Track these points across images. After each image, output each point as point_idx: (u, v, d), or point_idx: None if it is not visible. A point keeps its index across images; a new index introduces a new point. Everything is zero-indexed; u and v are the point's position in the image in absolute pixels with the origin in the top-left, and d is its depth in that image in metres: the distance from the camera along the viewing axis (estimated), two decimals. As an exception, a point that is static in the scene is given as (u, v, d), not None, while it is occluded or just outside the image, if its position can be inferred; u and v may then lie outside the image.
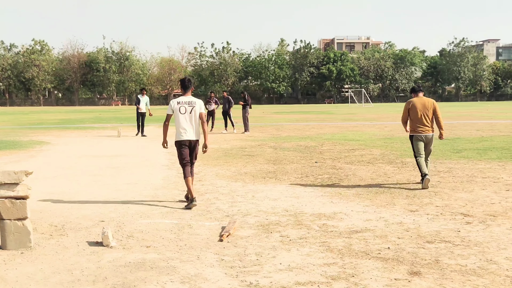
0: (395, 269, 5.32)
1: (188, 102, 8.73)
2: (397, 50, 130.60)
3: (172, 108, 8.77)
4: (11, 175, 6.03)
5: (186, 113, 8.69)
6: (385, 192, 9.52)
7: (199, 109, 8.76)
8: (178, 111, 8.70)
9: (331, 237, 6.56)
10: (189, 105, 8.71)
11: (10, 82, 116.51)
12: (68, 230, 7.03)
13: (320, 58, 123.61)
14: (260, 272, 5.27)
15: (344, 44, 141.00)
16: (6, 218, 6.06)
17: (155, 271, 5.35)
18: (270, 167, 13.03)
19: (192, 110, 8.70)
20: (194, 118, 8.71)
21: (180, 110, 8.69)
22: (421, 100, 10.41)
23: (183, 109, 8.69)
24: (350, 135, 22.88)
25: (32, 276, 5.23)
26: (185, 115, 8.68)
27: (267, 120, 38.53)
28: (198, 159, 9.65)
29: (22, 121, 40.71)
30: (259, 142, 20.21)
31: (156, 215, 7.88)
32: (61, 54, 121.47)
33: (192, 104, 8.73)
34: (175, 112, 8.74)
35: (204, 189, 10.04)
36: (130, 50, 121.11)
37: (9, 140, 22.10)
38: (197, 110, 8.73)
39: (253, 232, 6.86)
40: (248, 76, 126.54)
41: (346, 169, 12.54)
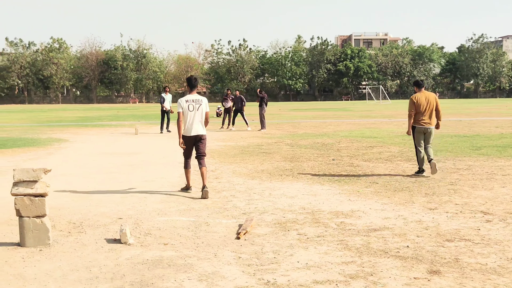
0: (414, 267, 5.27)
1: (195, 100, 9.38)
2: (415, 47, 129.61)
3: (182, 106, 9.35)
4: (30, 172, 6.06)
5: (194, 110, 9.32)
6: (404, 190, 9.44)
7: (205, 107, 9.43)
8: (187, 109, 9.31)
9: (349, 235, 6.52)
10: (196, 103, 9.36)
11: (29, 80, 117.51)
12: (86, 227, 7.06)
13: (338, 55, 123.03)
14: (277, 270, 5.25)
15: (362, 40, 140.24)
16: (25, 215, 6.10)
17: (173, 268, 5.35)
18: (287, 164, 13.00)
19: (199, 108, 9.36)
20: (201, 114, 9.37)
21: (189, 108, 9.31)
22: (425, 95, 11.15)
23: (191, 107, 9.32)
24: (367, 132, 22.76)
25: (51, 273, 5.25)
26: (193, 112, 9.31)
27: (283, 118, 38.47)
28: (215, 156, 9.75)
29: (40, 119, 41.05)
30: (276, 139, 20.18)
31: (173, 213, 7.89)
32: (79, 52, 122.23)
33: (199, 102, 9.39)
34: (184, 110, 9.33)
35: (221, 187, 10.04)
36: (148, 47, 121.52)
37: (28, 137, 22.29)
38: (203, 108, 9.41)
39: (270, 230, 6.83)
40: (265, 73, 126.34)
41: (363, 166, 12.47)
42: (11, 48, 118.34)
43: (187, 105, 9.32)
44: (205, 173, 9.35)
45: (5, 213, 7.78)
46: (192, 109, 9.29)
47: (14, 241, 6.36)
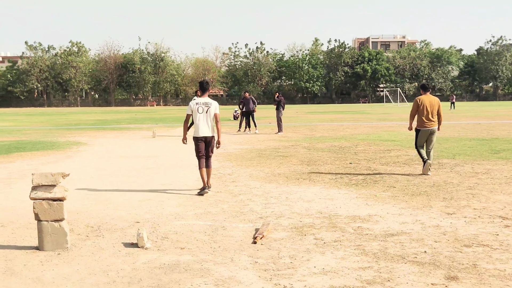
0: (432, 273, 5.23)
1: (204, 103, 9.86)
2: (433, 49, 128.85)
3: (192, 109, 9.92)
4: (48, 177, 6.11)
5: (203, 112, 9.81)
6: (422, 194, 9.38)
7: (214, 110, 9.87)
8: (197, 111, 9.85)
9: (366, 240, 6.49)
10: (205, 106, 9.84)
11: (48, 83, 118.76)
12: (104, 231, 7.10)
13: (355, 58, 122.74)
14: (294, 275, 5.24)
15: (379, 43, 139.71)
16: (44, 219, 6.15)
17: (189, 273, 5.36)
18: (304, 168, 12.98)
19: (208, 110, 9.83)
20: (209, 117, 9.83)
21: (198, 110, 9.83)
22: (429, 98, 11.82)
23: (200, 109, 9.83)
24: (385, 136, 22.65)
25: (69, 277, 5.29)
26: (202, 114, 9.81)
27: (300, 120, 38.42)
28: (232, 159, 9.77)
29: (59, 122, 41.41)
30: (293, 142, 20.15)
31: (190, 217, 7.91)
32: (98, 55, 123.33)
33: (208, 105, 9.85)
34: (194, 112, 9.89)
35: (237, 190, 10.04)
36: (165, 51, 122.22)
37: (47, 140, 22.50)
38: (212, 110, 9.85)
39: (287, 234, 6.83)
40: (282, 76, 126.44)
41: (381, 170, 12.41)
42: (31, 52, 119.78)
43: (196, 107, 9.85)
44: (210, 173, 10.01)
45: (24, 217, 7.86)
46: (202, 111, 9.80)
47: (32, 244, 6.42)
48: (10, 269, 5.53)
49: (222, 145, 17.40)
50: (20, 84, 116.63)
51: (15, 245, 6.43)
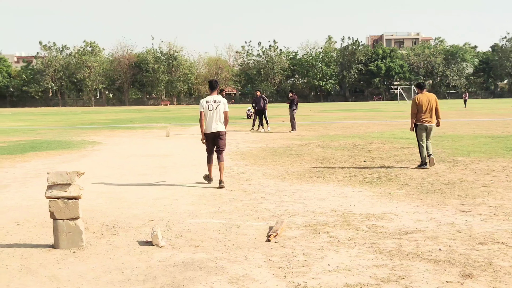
0: (447, 271, 5.21)
1: (214, 101, 10.52)
2: (447, 46, 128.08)
3: (203, 106, 10.54)
4: (64, 176, 6.16)
5: (213, 109, 10.45)
6: (436, 192, 9.33)
7: (223, 107, 10.53)
8: (207, 108, 10.48)
9: (380, 238, 6.47)
10: (215, 103, 10.50)
11: (62, 83, 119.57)
12: (118, 229, 7.14)
13: (369, 55, 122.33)
14: (308, 273, 5.24)
15: (393, 40, 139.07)
16: (59, 218, 6.20)
17: (204, 271, 5.38)
18: (318, 166, 12.96)
19: (217, 108, 10.47)
20: (219, 114, 10.47)
21: (209, 108, 10.47)
22: (426, 96, 12.45)
23: (211, 107, 10.47)
24: (399, 133, 22.55)
25: (84, 275, 5.33)
26: (212, 111, 10.45)
27: (314, 119, 38.36)
28: (246, 158, 9.78)
29: (74, 121, 41.66)
30: (306, 141, 20.13)
31: (204, 215, 7.93)
32: (112, 55, 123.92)
33: (218, 103, 10.51)
34: (205, 110, 10.50)
35: (251, 189, 10.05)
36: (178, 50, 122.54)
37: (62, 140, 22.65)
38: (221, 108, 10.50)
39: (301, 232, 6.82)
40: (295, 74, 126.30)
41: (395, 168, 12.36)
42: (45, 52, 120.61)
43: (207, 105, 10.49)
44: (222, 168, 10.49)
45: (40, 216, 7.92)
46: (212, 108, 10.45)
47: (48, 243, 6.47)
48: (26, 267, 5.58)
49: (236, 143, 17.62)
50: (34, 84, 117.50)
51: (31, 244, 6.48)
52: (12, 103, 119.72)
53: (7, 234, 6.95)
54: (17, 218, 7.84)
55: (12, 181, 11.45)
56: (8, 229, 7.24)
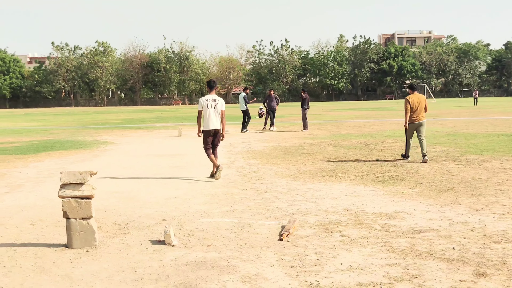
0: (460, 270, 5.18)
1: (212, 100, 11.30)
2: (460, 44, 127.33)
3: (202, 105, 11.28)
4: (76, 175, 6.19)
5: (211, 108, 11.22)
6: (449, 191, 9.28)
7: (221, 106, 11.32)
8: (206, 107, 11.23)
9: (393, 237, 6.44)
10: (213, 102, 11.27)
11: (75, 83, 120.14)
12: (131, 228, 7.16)
13: (381, 54, 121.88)
14: (320, 272, 5.23)
15: (405, 38, 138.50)
16: (72, 217, 6.23)
17: (216, 270, 5.38)
18: (330, 165, 12.93)
19: (215, 106, 11.26)
20: (216, 112, 11.27)
21: (208, 106, 11.23)
22: (417, 96, 13.51)
23: (209, 105, 11.24)
24: (411, 132, 22.41)
25: (97, 274, 5.35)
26: (211, 109, 11.22)
27: (326, 118, 38.28)
28: (258, 157, 9.77)
29: (86, 121, 41.86)
30: (318, 140, 20.09)
31: (216, 214, 7.94)
32: (124, 55, 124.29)
33: (216, 102, 11.30)
34: (204, 108, 11.24)
35: (263, 188, 10.05)
36: (190, 50, 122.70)
37: (75, 140, 22.77)
38: (219, 107, 11.30)
39: (313, 231, 6.81)
40: (307, 73, 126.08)
41: (408, 167, 12.31)
42: (58, 52, 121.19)
43: (206, 104, 11.25)
44: (216, 156, 11.51)
45: (53, 215, 7.97)
46: (210, 107, 11.22)
47: (61, 242, 6.50)
48: (39, 267, 5.61)
49: (248, 143, 17.62)
50: (47, 84, 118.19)
51: (44, 243, 6.52)
52: (25, 104, 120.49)
53: (20, 234, 7.00)
54: (30, 218, 7.89)
55: (26, 181, 11.52)
56: (22, 228, 7.29)
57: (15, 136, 26.45)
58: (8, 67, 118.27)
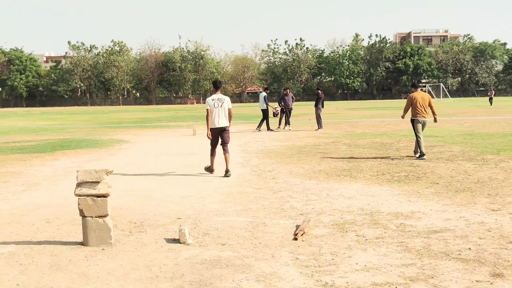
0: (477, 270, 5.14)
1: (219, 99, 11.63)
2: (476, 43, 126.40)
3: (209, 104, 11.58)
4: (93, 174, 6.22)
5: (218, 107, 11.54)
6: (466, 191, 9.21)
7: (227, 105, 11.64)
8: (213, 106, 11.55)
9: (409, 237, 6.41)
10: (220, 101, 11.61)
11: (91, 82, 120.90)
12: (146, 227, 7.19)
13: (396, 53, 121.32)
14: (335, 272, 5.21)
15: (421, 37, 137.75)
16: (88, 215, 6.27)
17: (231, 268, 5.38)
18: (345, 164, 12.89)
19: (222, 105, 11.58)
20: (223, 110, 11.58)
21: (215, 105, 11.55)
22: (420, 94, 14.02)
23: (216, 104, 11.56)
24: (428, 131, 22.27)
25: (113, 272, 5.38)
26: (217, 108, 11.54)
27: (341, 117, 38.18)
28: (272, 156, 9.77)
29: (102, 120, 42.09)
30: (333, 139, 20.03)
31: (231, 213, 7.94)
32: (139, 54, 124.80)
33: (222, 101, 11.63)
34: (211, 107, 11.54)
35: (278, 187, 10.04)
36: (205, 49, 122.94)
37: (91, 138, 22.90)
38: (225, 105, 11.62)
39: (328, 231, 6.79)
40: (322, 72, 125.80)
41: (424, 166, 12.24)
42: (74, 52, 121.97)
43: (213, 103, 11.57)
44: (228, 158, 11.70)
45: (69, 213, 8.02)
46: (217, 106, 11.54)
47: (77, 240, 6.54)
48: (56, 264, 5.65)
49: (262, 142, 17.62)
50: (63, 84, 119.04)
51: (61, 241, 6.57)
52: (41, 103, 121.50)
53: (37, 232, 7.05)
54: (47, 216, 7.95)
55: (42, 179, 11.61)
56: (39, 226, 7.35)
57: (32, 134, 26.67)
58: (24, 66, 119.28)
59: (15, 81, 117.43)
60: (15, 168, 13.34)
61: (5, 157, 15.89)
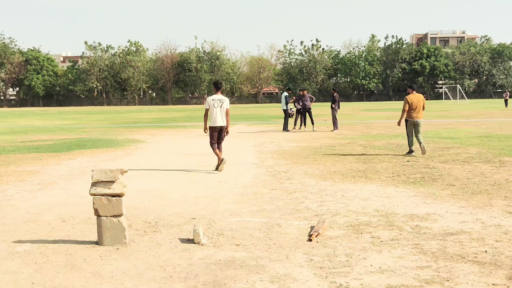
0: (493, 273, 5.08)
1: (219, 100, 12.36)
2: (494, 44, 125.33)
3: (209, 104, 12.32)
4: (108, 173, 6.24)
5: (218, 107, 12.28)
6: (482, 193, 9.12)
7: (226, 105, 12.39)
8: (213, 106, 12.29)
9: (424, 239, 6.35)
10: (219, 102, 12.35)
11: (107, 82, 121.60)
12: (161, 227, 7.20)
13: (413, 54, 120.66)
14: (350, 273, 5.18)
15: (438, 39, 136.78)
16: (103, 214, 6.29)
17: (245, 269, 5.37)
18: (360, 165, 12.83)
19: (221, 105, 12.33)
20: (222, 111, 12.34)
21: (214, 105, 12.29)
22: (416, 96, 14.70)
23: (216, 104, 12.29)
24: (444, 133, 22.17)
25: (127, 271, 5.39)
26: (217, 108, 12.27)
27: (356, 118, 38.04)
28: (287, 157, 9.74)
29: (118, 120, 42.30)
30: (349, 140, 19.96)
31: (245, 214, 7.93)
32: (155, 54, 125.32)
33: (222, 101, 12.38)
34: (211, 107, 12.29)
35: (292, 188, 10.01)
36: (221, 49, 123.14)
37: (107, 138, 23.02)
38: (225, 106, 12.37)
39: (343, 232, 6.76)
40: (338, 73, 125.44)
41: (440, 168, 12.14)
42: (90, 52, 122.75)
43: (213, 103, 12.29)
44: (221, 150, 12.54)
45: (84, 212, 8.06)
46: (217, 106, 12.27)
47: (92, 239, 6.57)
48: (70, 263, 5.67)
49: (277, 142, 17.68)
50: (80, 83, 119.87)
51: (75, 240, 6.60)
52: (58, 102, 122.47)
53: (52, 230, 7.09)
54: (62, 215, 7.99)
55: (58, 178, 11.69)
56: (54, 225, 7.39)
57: (49, 134, 26.87)
58: (42, 66, 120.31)
59: (32, 81, 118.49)
60: (31, 167, 13.44)
61: (22, 156, 16.02)
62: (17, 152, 17.39)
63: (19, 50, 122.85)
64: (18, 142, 21.58)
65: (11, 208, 8.56)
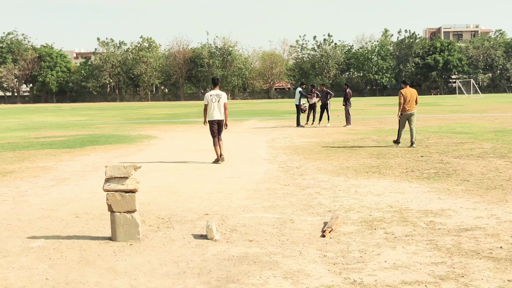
0: (508, 269, 5.04)
1: (216, 95, 13.04)
2: (508, 39, 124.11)
3: (207, 99, 13.05)
4: (121, 169, 6.25)
5: (215, 102, 12.97)
6: (497, 188, 9.05)
7: (224, 100, 13.06)
8: (211, 101, 12.99)
9: (439, 235, 6.31)
10: (217, 97, 13.03)
11: (120, 78, 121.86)
12: (174, 222, 7.21)
13: (426, 48, 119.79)
14: (364, 269, 5.16)
15: (451, 33, 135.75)
16: (116, 210, 6.30)
17: (258, 265, 5.36)
18: (373, 161, 12.78)
19: (219, 100, 13.01)
20: (220, 105, 13.00)
21: (212, 100, 12.99)
22: (409, 90, 15.70)
23: (214, 99, 13.00)
24: (458, 128, 22.02)
25: (140, 267, 5.40)
26: (215, 103, 12.97)
27: (369, 113, 37.89)
28: (300, 153, 9.72)
29: (131, 116, 42.44)
30: (362, 135, 19.89)
31: (258, 209, 7.92)
32: (167, 50, 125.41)
33: (219, 96, 13.05)
34: (209, 102, 13.00)
35: (305, 184, 9.99)
36: (233, 45, 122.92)
37: (119, 134, 23.10)
38: (222, 100, 13.04)
39: (356, 228, 6.73)
40: (350, 68, 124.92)
41: (454, 163, 12.06)
42: (103, 48, 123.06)
43: (211, 98, 13.00)
44: (222, 145, 13.20)
45: (98, 208, 8.09)
46: (215, 101, 12.97)
47: (106, 235, 6.59)
48: (84, 259, 5.69)
49: (290, 138, 17.71)
50: (93, 80, 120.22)
51: (89, 236, 6.62)
52: (71, 98, 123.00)
53: (66, 226, 7.13)
54: (76, 211, 8.03)
55: (72, 174, 11.74)
56: (68, 221, 7.42)
57: (62, 130, 27.02)
58: (55, 62, 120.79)
59: (46, 77, 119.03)
60: (45, 163, 13.52)
61: (35, 152, 16.12)
62: (31, 148, 17.50)
63: (32, 46, 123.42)
64: (32, 138, 21.72)
65: (25, 204, 8.61)
